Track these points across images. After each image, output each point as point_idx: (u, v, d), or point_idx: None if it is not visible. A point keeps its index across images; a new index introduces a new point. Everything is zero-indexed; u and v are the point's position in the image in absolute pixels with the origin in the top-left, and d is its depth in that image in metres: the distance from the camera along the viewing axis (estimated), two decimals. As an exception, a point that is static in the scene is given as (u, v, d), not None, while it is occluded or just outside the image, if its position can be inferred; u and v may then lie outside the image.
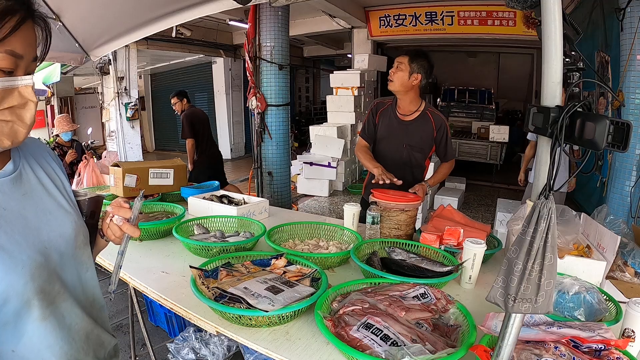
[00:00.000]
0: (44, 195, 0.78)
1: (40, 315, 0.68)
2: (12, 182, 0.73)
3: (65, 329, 0.73)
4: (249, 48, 4.11)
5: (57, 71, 6.22)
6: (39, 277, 0.69)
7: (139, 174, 2.27)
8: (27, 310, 0.67)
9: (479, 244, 1.37)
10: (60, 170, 0.87)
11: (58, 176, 0.85)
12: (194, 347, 2.21)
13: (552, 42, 0.73)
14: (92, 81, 8.68)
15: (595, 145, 0.65)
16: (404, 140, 2.15)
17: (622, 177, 3.20)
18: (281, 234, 1.73)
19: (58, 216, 0.78)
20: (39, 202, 0.76)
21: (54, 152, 0.91)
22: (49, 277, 0.71)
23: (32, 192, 0.76)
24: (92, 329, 0.80)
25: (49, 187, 0.80)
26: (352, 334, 0.96)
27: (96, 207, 0.91)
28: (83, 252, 0.82)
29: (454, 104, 9.39)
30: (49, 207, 0.77)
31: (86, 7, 2.57)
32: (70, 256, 0.77)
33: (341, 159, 6.38)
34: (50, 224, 0.75)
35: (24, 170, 0.76)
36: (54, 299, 0.71)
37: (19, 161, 0.76)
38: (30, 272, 0.67)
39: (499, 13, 6.18)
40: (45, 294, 0.69)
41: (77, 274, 0.79)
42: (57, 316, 0.72)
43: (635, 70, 3.07)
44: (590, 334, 0.91)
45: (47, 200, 0.78)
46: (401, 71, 2.06)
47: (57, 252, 0.74)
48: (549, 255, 0.67)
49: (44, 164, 0.82)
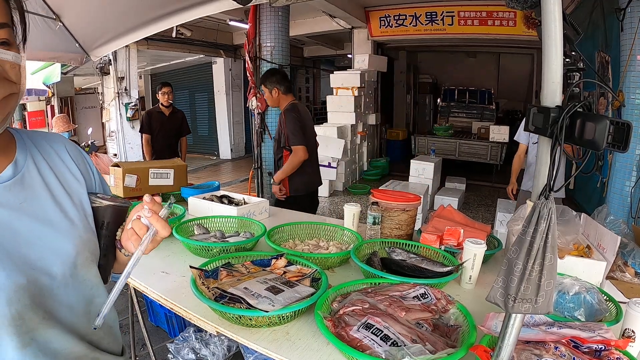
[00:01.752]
0: (47, 203, 0.68)
1: (19, 343, 0.59)
2: (9, 189, 0.65)
3: (49, 355, 0.63)
4: (249, 48, 4.12)
5: (57, 71, 6.23)
6: (17, 302, 0.59)
7: (139, 174, 2.27)
8: (3, 337, 0.59)
9: (479, 244, 1.37)
10: (80, 171, 0.76)
11: (75, 178, 0.75)
12: (194, 347, 2.21)
13: (552, 42, 0.73)
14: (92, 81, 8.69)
15: (595, 146, 0.65)
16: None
17: (622, 177, 3.20)
18: (281, 234, 1.73)
19: (60, 229, 0.68)
20: (39, 211, 0.67)
21: (78, 148, 0.81)
22: (31, 302, 0.61)
23: (35, 199, 0.67)
24: (87, 353, 0.70)
25: (56, 193, 0.70)
26: (352, 334, 0.96)
27: (112, 217, 0.76)
28: (88, 270, 0.71)
29: (454, 104, 9.41)
30: (51, 217, 0.68)
31: (86, 7, 2.57)
32: (68, 276, 0.67)
33: (341, 159, 6.38)
34: (46, 239, 0.66)
35: (27, 173, 0.68)
36: (37, 325, 0.62)
37: (23, 162, 0.68)
38: (6, 296, 0.58)
39: (499, 13, 6.18)
40: (23, 320, 0.60)
41: (77, 296, 0.69)
42: (40, 342, 0.62)
43: (635, 70, 3.07)
44: (590, 334, 0.91)
45: (52, 209, 0.69)
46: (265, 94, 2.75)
47: (49, 274, 0.64)
48: (549, 255, 0.67)
49: (56, 164, 0.73)
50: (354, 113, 6.79)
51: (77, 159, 0.78)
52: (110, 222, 0.76)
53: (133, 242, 0.70)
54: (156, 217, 0.69)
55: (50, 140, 0.76)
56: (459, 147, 7.77)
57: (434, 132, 8.40)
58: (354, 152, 7.14)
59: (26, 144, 0.72)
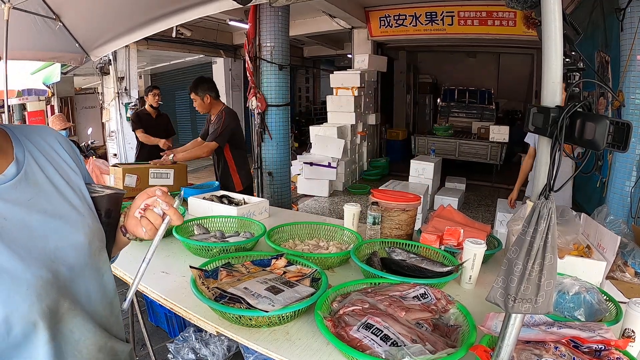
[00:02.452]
0: (54, 196, 0.69)
1: (49, 336, 0.62)
2: (15, 187, 0.65)
3: (71, 344, 0.65)
4: (249, 48, 4.11)
5: (57, 71, 6.22)
6: (47, 297, 0.61)
7: (139, 174, 2.27)
8: (35, 332, 0.60)
9: (479, 244, 1.37)
10: (74, 162, 0.77)
11: (72, 169, 0.76)
12: (194, 347, 2.21)
13: (552, 42, 0.73)
14: (92, 81, 8.67)
15: (595, 146, 0.65)
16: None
17: (622, 177, 3.20)
18: (281, 234, 1.73)
19: (70, 220, 0.69)
20: (48, 205, 0.67)
21: (66, 139, 0.82)
22: (57, 295, 0.63)
23: (41, 194, 0.68)
24: (106, 341, 0.72)
25: (60, 186, 0.71)
26: (352, 334, 0.96)
27: (114, 205, 0.81)
28: (99, 257, 0.74)
29: (454, 104, 9.40)
30: (59, 210, 0.69)
31: (86, 8, 2.58)
32: (83, 265, 0.69)
33: (341, 159, 6.38)
34: (60, 231, 0.67)
35: (29, 169, 0.68)
36: (62, 316, 0.64)
37: (23, 160, 0.68)
38: (36, 292, 0.60)
39: (499, 13, 6.18)
40: (53, 313, 0.62)
41: (93, 283, 0.72)
42: (64, 334, 0.64)
43: (635, 71, 3.07)
44: (590, 334, 0.91)
45: (58, 202, 0.69)
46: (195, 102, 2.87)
47: (67, 265, 0.66)
48: (549, 255, 0.67)
49: (53, 157, 0.74)
50: (353, 113, 6.79)
51: (69, 150, 0.79)
52: (112, 209, 0.81)
53: (146, 229, 0.77)
54: (173, 209, 0.77)
55: (42, 133, 0.77)
56: (459, 147, 7.76)
57: (434, 132, 8.39)
58: (354, 152, 7.14)
59: (20, 140, 0.71)
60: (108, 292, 0.75)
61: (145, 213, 0.78)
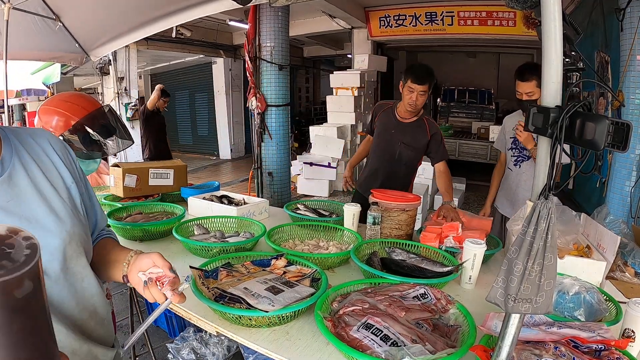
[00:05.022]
0: (33, 200, 0.70)
1: None
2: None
3: None
4: (249, 48, 4.11)
5: (57, 71, 6.22)
6: None
7: (139, 174, 2.27)
8: None
9: (479, 244, 1.37)
10: (65, 165, 0.77)
11: (60, 173, 0.76)
12: (194, 347, 2.21)
13: (552, 42, 0.73)
14: (92, 81, 8.67)
15: (595, 146, 0.65)
16: (399, 138, 2.34)
17: (622, 177, 3.20)
18: (281, 234, 1.73)
19: (46, 224, 0.70)
20: (26, 209, 0.68)
21: (61, 142, 0.82)
22: None
23: (20, 197, 0.68)
24: (80, 345, 0.72)
25: (42, 189, 0.72)
26: (352, 334, 0.96)
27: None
28: (76, 262, 0.74)
29: (454, 104, 9.39)
30: (36, 214, 0.69)
31: (86, 8, 2.58)
32: (59, 271, 0.70)
33: (341, 159, 6.38)
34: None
35: (14, 171, 0.69)
36: None
37: (9, 161, 0.69)
38: None
39: (499, 13, 6.18)
40: None
41: (68, 288, 0.71)
42: None
43: (635, 70, 3.07)
44: (590, 334, 0.91)
45: (37, 205, 0.70)
46: (423, 97, 2.20)
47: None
48: (549, 255, 0.67)
49: (42, 160, 0.74)
50: (353, 113, 6.79)
51: (62, 153, 0.79)
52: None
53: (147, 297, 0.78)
54: (177, 296, 0.76)
55: (35, 136, 0.77)
56: (459, 147, 7.76)
57: (434, 132, 8.38)
58: (354, 152, 7.14)
59: (12, 142, 0.72)
60: (88, 297, 0.75)
61: (150, 289, 0.77)
